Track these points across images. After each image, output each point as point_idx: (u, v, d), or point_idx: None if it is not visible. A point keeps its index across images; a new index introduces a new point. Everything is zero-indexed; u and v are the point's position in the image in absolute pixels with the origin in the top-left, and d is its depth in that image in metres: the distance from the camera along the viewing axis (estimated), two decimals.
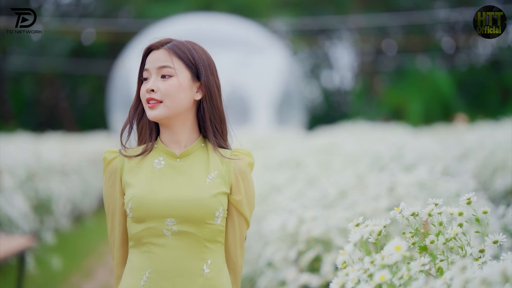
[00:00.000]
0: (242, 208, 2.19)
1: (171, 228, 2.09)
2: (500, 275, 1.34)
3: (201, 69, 2.16)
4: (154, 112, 2.12)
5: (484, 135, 8.38)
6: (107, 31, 25.17)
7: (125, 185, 2.16)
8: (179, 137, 2.18)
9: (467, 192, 4.07)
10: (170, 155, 2.18)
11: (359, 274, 1.78)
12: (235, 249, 2.21)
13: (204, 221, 2.10)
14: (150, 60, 2.16)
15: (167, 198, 2.10)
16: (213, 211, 2.10)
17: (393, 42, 28.03)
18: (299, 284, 3.53)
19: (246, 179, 2.20)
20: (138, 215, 2.10)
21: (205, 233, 2.11)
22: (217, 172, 2.16)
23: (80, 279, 6.77)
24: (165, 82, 2.12)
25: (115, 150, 2.24)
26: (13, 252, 5.36)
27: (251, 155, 2.24)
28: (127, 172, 2.17)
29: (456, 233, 1.95)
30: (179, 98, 2.13)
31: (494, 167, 6.25)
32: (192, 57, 2.16)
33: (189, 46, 2.18)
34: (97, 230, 9.92)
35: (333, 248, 3.53)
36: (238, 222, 2.21)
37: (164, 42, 2.19)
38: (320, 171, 5.09)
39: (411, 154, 5.21)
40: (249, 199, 2.21)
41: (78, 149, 11.46)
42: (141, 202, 2.09)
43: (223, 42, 16.84)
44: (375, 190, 3.89)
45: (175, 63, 2.13)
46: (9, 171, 6.73)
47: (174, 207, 2.09)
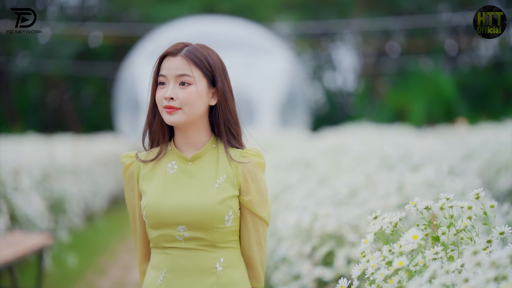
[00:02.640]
0: (253, 208, 2.25)
1: (182, 234, 2.19)
2: (508, 258, 1.53)
3: (217, 76, 2.22)
4: (172, 117, 2.18)
5: (488, 136, 8.56)
6: (112, 34, 25.38)
7: (141, 191, 2.26)
8: (192, 140, 2.26)
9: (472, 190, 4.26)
10: (182, 159, 2.25)
11: (378, 261, 1.97)
12: (250, 247, 2.28)
13: (213, 226, 2.18)
14: (168, 66, 2.20)
15: (177, 206, 2.18)
16: (221, 216, 2.18)
17: (396, 44, 28.20)
18: (313, 277, 3.72)
19: (255, 179, 2.25)
20: (152, 223, 2.21)
21: (216, 236, 2.20)
22: (226, 176, 2.22)
23: (94, 276, 6.96)
24: (184, 90, 2.17)
25: (132, 155, 2.31)
26: (33, 249, 5.54)
27: (260, 155, 2.28)
28: (142, 178, 2.26)
29: (466, 225, 2.13)
30: (197, 106, 2.19)
31: (498, 167, 6.43)
32: (209, 65, 2.21)
33: (204, 53, 2.22)
34: (108, 229, 10.12)
35: (346, 243, 3.72)
36: (251, 221, 2.27)
37: (180, 49, 2.22)
38: (330, 171, 5.28)
39: (418, 154, 5.40)
40: (261, 198, 2.26)
41: (87, 150, 11.65)
42: (154, 211, 2.19)
43: (227, 44, 17.01)
44: (385, 188, 4.07)
45: (194, 72, 2.18)
46: (26, 171, 6.91)
47: (184, 215, 2.18)
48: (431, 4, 25.68)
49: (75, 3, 28.79)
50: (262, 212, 2.27)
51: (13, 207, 6.28)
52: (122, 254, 8.21)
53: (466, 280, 1.56)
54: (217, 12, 23.06)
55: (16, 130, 20.70)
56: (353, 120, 19.22)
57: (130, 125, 18.71)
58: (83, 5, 28.62)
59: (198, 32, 17.94)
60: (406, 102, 22.77)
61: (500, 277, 1.51)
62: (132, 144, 16.29)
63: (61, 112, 28.08)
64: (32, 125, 23.97)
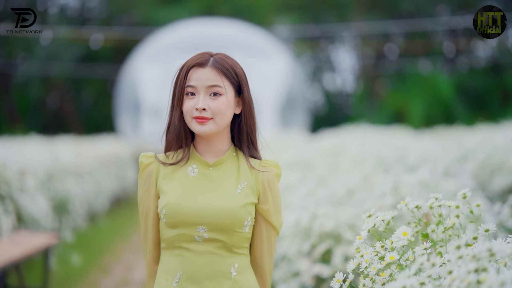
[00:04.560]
0: (269, 217, 2.30)
1: (202, 235, 2.22)
2: (487, 252, 1.68)
3: (243, 86, 2.29)
4: (204, 127, 2.22)
5: (483, 137, 8.71)
6: (113, 37, 25.53)
7: (160, 191, 2.27)
8: (214, 147, 2.29)
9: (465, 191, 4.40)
10: (203, 164, 2.29)
11: (371, 256, 2.13)
12: (261, 255, 2.33)
13: (233, 229, 2.22)
14: (198, 77, 2.23)
15: (199, 207, 2.21)
16: (242, 220, 2.23)
17: (395, 46, 28.36)
18: (312, 274, 3.87)
19: (273, 189, 2.31)
20: (171, 222, 2.22)
21: (234, 240, 2.23)
22: (247, 183, 2.27)
23: (98, 275, 7.11)
24: (216, 101, 2.22)
25: (151, 155, 2.32)
26: (39, 249, 5.68)
27: (278, 167, 2.36)
28: (162, 178, 2.28)
29: (454, 223, 2.28)
30: (227, 115, 2.25)
31: (492, 168, 6.58)
32: (236, 75, 2.26)
33: (231, 63, 2.26)
34: (111, 229, 10.28)
35: (343, 242, 3.87)
36: (265, 230, 2.32)
37: (208, 59, 2.25)
38: (328, 172, 5.43)
39: (413, 156, 5.55)
40: (276, 208, 2.32)
41: (89, 151, 11.79)
42: (175, 209, 2.21)
43: (227, 46, 17.13)
44: (381, 189, 4.22)
45: (224, 83, 2.23)
46: (31, 172, 7.06)
47: (206, 216, 2.21)
48: (429, 6, 25.84)
49: (75, 4, 28.93)
50: (276, 222, 2.33)
51: (19, 207, 6.42)
52: (125, 254, 8.36)
53: (450, 272, 1.71)
54: (217, 15, 23.21)
55: (18, 131, 20.85)
56: (352, 121, 19.37)
57: (131, 127, 18.86)
58: (83, 6, 28.76)
59: (198, 35, 18.11)
60: (405, 103, 22.92)
61: (480, 269, 1.67)
62: (133, 145, 16.46)
63: (62, 114, 28.22)
64: (32, 126, 24.10)
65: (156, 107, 17.59)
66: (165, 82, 15.95)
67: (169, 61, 17.04)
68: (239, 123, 2.32)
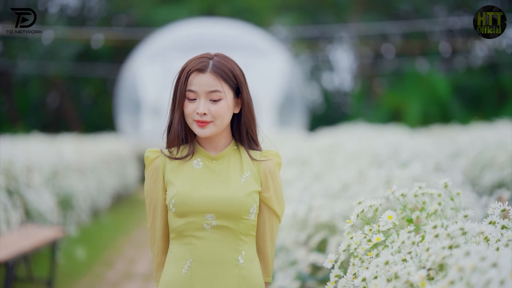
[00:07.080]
0: (271, 204, 2.41)
1: (210, 222, 2.31)
2: (459, 230, 1.91)
3: (241, 88, 2.38)
4: (204, 130, 2.34)
5: (477, 135, 8.94)
6: (113, 37, 25.72)
7: (168, 183, 2.37)
8: (215, 143, 2.41)
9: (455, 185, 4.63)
10: (207, 157, 2.40)
11: (360, 238, 2.36)
12: (265, 242, 2.44)
13: (240, 216, 2.32)
14: (198, 83, 2.32)
15: (207, 196, 2.31)
16: (248, 207, 2.33)
17: (392, 46, 28.59)
18: (308, 263, 4.09)
19: (274, 177, 2.42)
20: (180, 211, 2.31)
21: (241, 227, 2.34)
22: (250, 172, 2.38)
23: (102, 268, 7.34)
24: (216, 106, 2.32)
25: (156, 150, 2.42)
26: (46, 241, 5.91)
27: (279, 156, 2.47)
28: (169, 171, 2.37)
29: (436, 210, 2.52)
30: (227, 118, 2.36)
31: (483, 164, 6.81)
32: (234, 78, 2.35)
33: (229, 66, 2.35)
34: (113, 224, 10.52)
35: (337, 232, 4.09)
36: (268, 217, 2.43)
37: (207, 64, 2.33)
38: (324, 168, 5.66)
39: (406, 152, 5.77)
40: (278, 195, 2.43)
41: (91, 149, 12.02)
42: (184, 199, 2.31)
43: (226, 46, 17.32)
44: (374, 183, 4.44)
45: (224, 87, 2.33)
46: (37, 169, 7.28)
47: (214, 204, 2.31)
48: (426, 6, 26.07)
49: (75, 4, 29.12)
50: (278, 209, 2.44)
51: (26, 202, 6.65)
52: (127, 248, 8.59)
53: (427, 249, 1.94)
54: (216, 15, 23.42)
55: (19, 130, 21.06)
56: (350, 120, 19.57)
57: (131, 125, 19.07)
58: (83, 6, 28.95)
59: (198, 35, 18.32)
60: (402, 102, 23.15)
61: (454, 246, 1.90)
62: (133, 144, 16.68)
63: (62, 112, 28.41)
64: (33, 125, 24.28)
65: (156, 106, 17.80)
66: (165, 82, 16.17)
67: (169, 61, 17.27)
68: (239, 122, 2.43)
